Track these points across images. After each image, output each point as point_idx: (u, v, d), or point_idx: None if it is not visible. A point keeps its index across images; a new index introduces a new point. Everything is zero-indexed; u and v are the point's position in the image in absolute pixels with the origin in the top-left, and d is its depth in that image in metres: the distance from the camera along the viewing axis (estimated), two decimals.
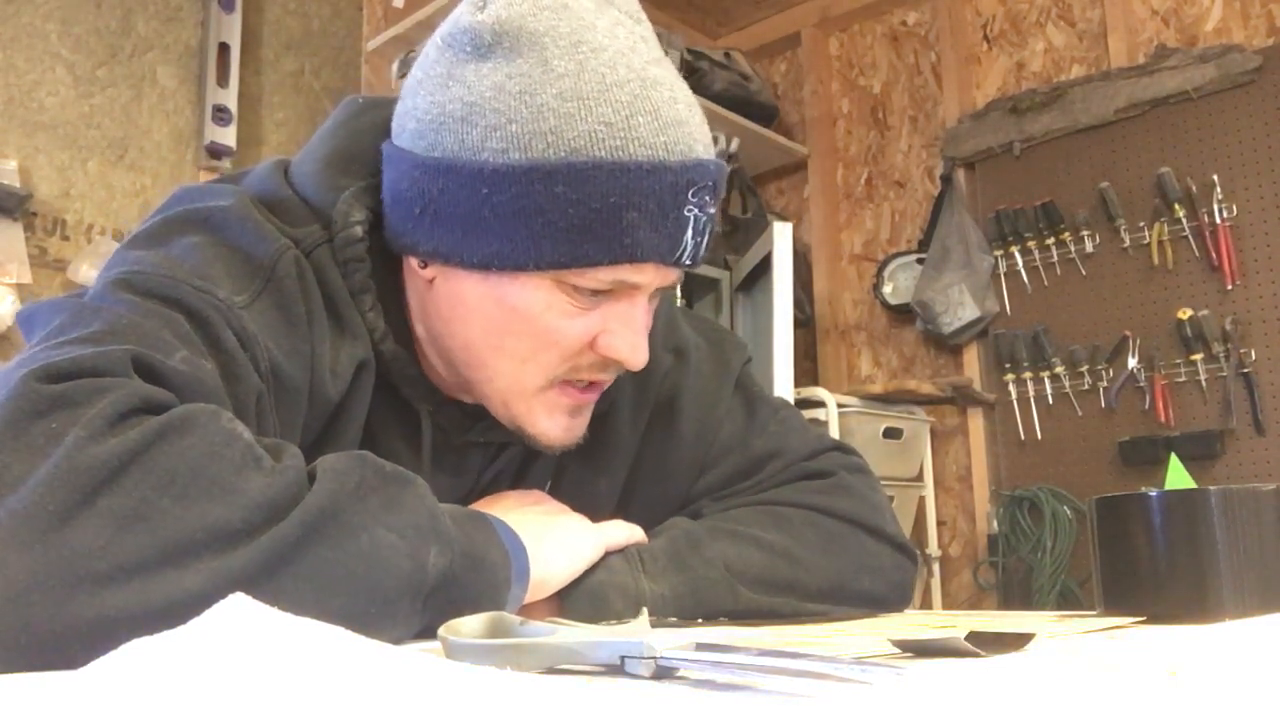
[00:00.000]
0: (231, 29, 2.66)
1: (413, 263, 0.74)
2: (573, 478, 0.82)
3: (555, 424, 0.75)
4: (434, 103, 0.70)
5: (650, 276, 0.70)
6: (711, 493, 0.90)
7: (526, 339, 0.71)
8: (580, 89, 0.66)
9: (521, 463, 0.84)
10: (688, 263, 0.71)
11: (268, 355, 0.66)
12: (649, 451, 0.88)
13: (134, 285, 0.64)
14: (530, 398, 0.73)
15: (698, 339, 0.93)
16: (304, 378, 0.69)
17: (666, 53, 0.75)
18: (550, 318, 0.70)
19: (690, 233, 0.69)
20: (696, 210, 0.69)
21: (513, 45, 0.67)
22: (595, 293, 0.70)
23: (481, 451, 0.82)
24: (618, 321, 0.71)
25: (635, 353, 0.72)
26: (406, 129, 0.72)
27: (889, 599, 0.87)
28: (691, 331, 0.93)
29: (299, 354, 0.69)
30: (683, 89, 0.72)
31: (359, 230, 0.73)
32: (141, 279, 0.64)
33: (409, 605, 0.56)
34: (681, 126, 0.69)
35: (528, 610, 0.68)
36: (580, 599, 0.70)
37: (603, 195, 0.65)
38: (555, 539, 0.70)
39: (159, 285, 0.64)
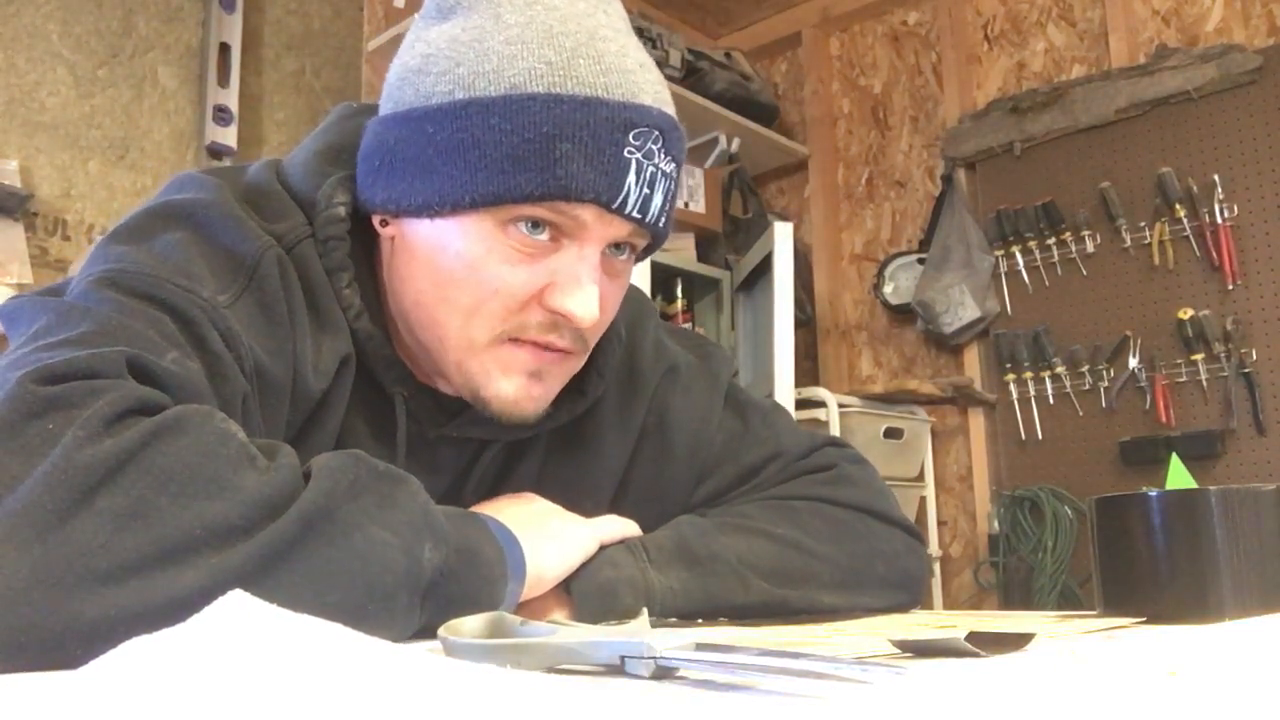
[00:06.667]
0: (232, 29, 2.66)
1: (376, 224, 0.75)
2: (555, 497, 0.78)
3: (512, 383, 0.72)
4: (400, 64, 0.74)
5: (593, 219, 0.68)
6: (710, 501, 0.89)
7: (470, 288, 0.70)
8: (525, 35, 0.68)
9: (497, 476, 0.83)
10: (638, 215, 0.69)
11: (252, 355, 0.66)
12: (641, 471, 0.88)
13: (118, 284, 0.63)
14: (482, 353, 0.71)
15: (687, 356, 0.92)
16: (286, 376, 0.69)
17: (667, 52, 0.75)
18: (492, 263, 0.69)
19: (634, 178, 0.68)
20: (639, 155, 0.68)
21: (471, 5, 0.71)
22: (538, 237, 0.69)
23: (457, 449, 0.80)
24: (564, 274, 0.69)
25: (582, 306, 0.69)
26: (383, 103, 0.75)
27: (904, 586, 0.87)
28: (679, 348, 0.92)
29: (282, 353, 0.69)
30: (637, 52, 0.72)
31: (341, 211, 0.74)
32: (125, 277, 0.63)
33: (407, 600, 0.56)
34: (627, 74, 0.69)
35: (535, 608, 0.68)
36: (589, 596, 0.70)
37: (535, 125, 0.66)
38: (548, 534, 0.70)
39: (143, 284, 0.63)
